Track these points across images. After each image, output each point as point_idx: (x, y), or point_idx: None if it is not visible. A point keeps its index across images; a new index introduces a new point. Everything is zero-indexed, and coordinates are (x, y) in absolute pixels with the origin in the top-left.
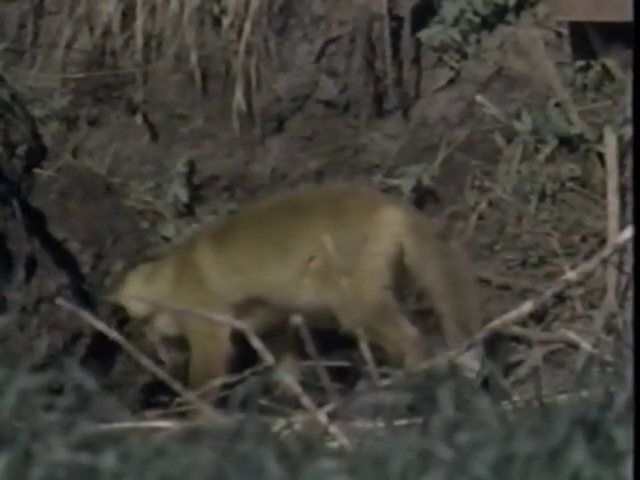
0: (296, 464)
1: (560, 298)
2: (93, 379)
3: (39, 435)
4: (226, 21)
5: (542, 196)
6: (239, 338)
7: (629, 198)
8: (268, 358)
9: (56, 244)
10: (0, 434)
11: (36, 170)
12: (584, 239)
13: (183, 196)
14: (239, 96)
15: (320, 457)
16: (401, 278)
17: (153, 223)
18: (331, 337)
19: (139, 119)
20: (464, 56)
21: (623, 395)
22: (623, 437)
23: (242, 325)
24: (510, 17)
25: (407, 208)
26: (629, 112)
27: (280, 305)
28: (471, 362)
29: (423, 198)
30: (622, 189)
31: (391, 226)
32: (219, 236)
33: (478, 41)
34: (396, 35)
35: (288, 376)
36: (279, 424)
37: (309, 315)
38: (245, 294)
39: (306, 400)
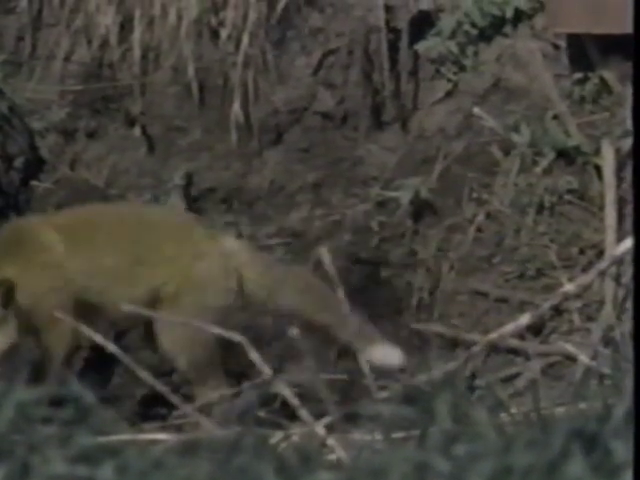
0: (294, 476)
1: (558, 311)
2: (91, 392)
3: (37, 448)
4: (224, 33)
5: (540, 208)
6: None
7: (627, 210)
8: (266, 370)
9: None
10: None
11: (34, 182)
12: (582, 251)
13: (180, 208)
14: (237, 108)
15: (318, 469)
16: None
17: None
18: (329, 350)
19: (137, 131)
20: (462, 68)
21: (621, 407)
22: (621, 450)
23: (238, 337)
24: (507, 29)
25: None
26: (627, 124)
27: (115, 319)
28: (391, 356)
29: (421, 210)
30: (620, 201)
31: (233, 257)
32: (69, 229)
33: (475, 53)
34: (394, 47)
35: (286, 388)
36: (277, 436)
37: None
38: (87, 298)
39: (304, 412)
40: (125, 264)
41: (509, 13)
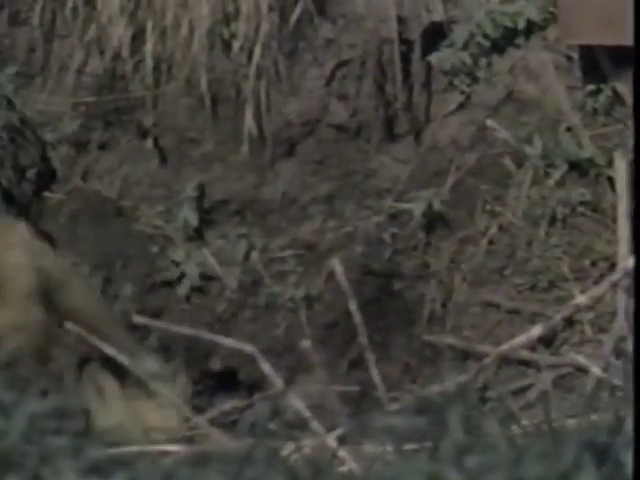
0: None
1: (570, 322)
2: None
3: (48, 459)
4: (236, 45)
5: (552, 220)
6: None
7: None
8: (277, 382)
9: None
10: (9, 458)
11: (46, 194)
12: (594, 263)
13: (193, 220)
14: (249, 120)
15: None
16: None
17: (163, 247)
18: (340, 360)
19: (149, 143)
20: (474, 80)
21: (633, 419)
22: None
23: (250, 348)
24: (520, 41)
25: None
26: None
27: None
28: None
29: (433, 222)
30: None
31: (30, 245)
32: None
33: (488, 65)
34: (406, 59)
35: (297, 400)
36: (288, 448)
37: None
38: None
39: (315, 424)
40: None
41: (521, 24)
